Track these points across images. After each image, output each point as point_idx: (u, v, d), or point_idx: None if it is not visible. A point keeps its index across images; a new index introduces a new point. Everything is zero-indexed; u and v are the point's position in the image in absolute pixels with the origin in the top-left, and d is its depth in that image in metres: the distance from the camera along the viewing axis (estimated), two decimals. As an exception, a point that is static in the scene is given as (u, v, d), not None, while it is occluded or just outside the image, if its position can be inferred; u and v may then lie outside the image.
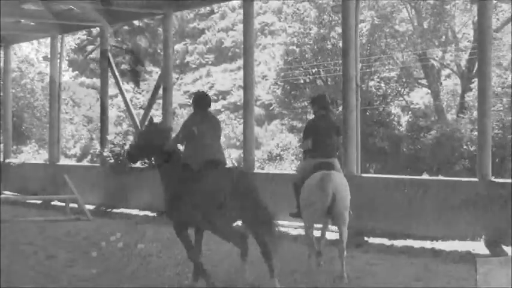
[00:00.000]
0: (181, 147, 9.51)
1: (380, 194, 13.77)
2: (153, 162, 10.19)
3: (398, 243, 12.67)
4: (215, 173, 8.96)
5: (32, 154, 24.96)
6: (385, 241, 12.84)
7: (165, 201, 9.38)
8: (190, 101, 10.30)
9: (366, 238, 13.12)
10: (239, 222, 9.43)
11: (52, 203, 20.29)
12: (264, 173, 18.38)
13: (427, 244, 12.48)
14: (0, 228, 13.92)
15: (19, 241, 13.40)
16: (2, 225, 14.74)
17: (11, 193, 22.68)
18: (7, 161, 24.00)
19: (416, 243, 12.51)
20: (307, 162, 10.39)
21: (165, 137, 9.44)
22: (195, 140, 9.11)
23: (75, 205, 18.01)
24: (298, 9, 37.61)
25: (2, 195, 21.09)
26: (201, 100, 9.42)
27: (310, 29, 37.14)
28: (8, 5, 20.49)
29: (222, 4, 67.11)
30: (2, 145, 25.69)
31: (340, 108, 34.55)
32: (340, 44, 18.14)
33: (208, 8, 62.62)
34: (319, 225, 10.87)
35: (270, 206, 9.27)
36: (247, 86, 16.94)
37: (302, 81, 37.93)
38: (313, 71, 37.65)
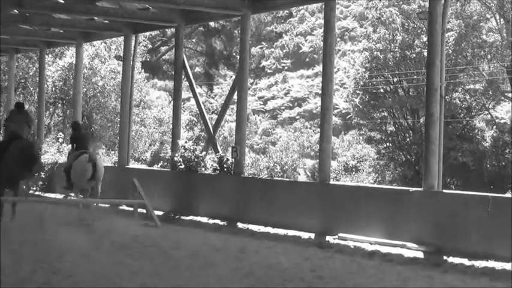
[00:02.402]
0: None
1: (461, 212, 13.06)
2: None
3: (479, 264, 12.13)
4: (15, 142, 15.36)
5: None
6: (465, 261, 12.29)
7: None
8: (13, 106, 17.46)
9: (445, 257, 12.62)
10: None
11: (120, 207, 19.87)
12: (339, 185, 17.29)
13: (509, 266, 11.88)
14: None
15: (85, 245, 13.22)
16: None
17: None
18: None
19: (498, 265, 11.95)
20: (74, 153, 17.60)
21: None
22: (10, 124, 16.03)
23: (144, 210, 17.32)
24: (384, 13, 36.44)
25: (69, 198, 20.69)
26: (19, 105, 16.81)
27: (395, 36, 35.98)
28: (82, 2, 20.17)
29: (301, 7, 66.26)
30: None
31: (422, 120, 33.51)
32: (425, 53, 17.29)
33: (286, 11, 61.87)
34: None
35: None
36: (326, 93, 16.29)
37: (382, 91, 36.77)
38: (395, 80, 36.48)
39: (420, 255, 12.79)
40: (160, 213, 18.30)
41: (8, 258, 11.38)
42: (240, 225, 16.53)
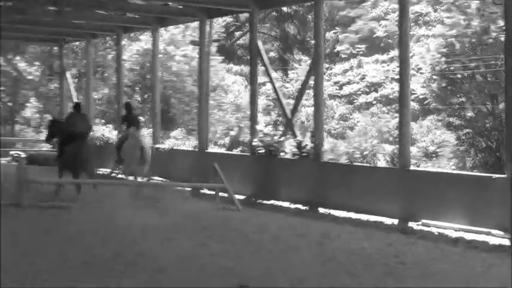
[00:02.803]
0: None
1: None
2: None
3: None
4: (78, 139, 17.33)
5: (180, 140, 24.68)
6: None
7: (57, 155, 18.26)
8: (72, 107, 19.80)
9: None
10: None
11: (201, 191, 20.02)
12: (419, 171, 17.01)
13: None
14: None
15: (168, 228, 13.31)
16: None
17: (160, 178, 22.56)
18: (156, 146, 23.84)
19: None
20: (124, 133, 19.84)
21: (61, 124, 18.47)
22: (69, 123, 17.88)
23: (225, 194, 17.45)
24: (460, -3, 35.76)
25: (151, 181, 21.03)
26: (77, 106, 18.68)
27: (470, 21, 35.28)
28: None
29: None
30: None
31: (500, 106, 32.77)
32: (502, 38, 17.02)
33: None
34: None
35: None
36: (403, 78, 16.01)
37: (459, 76, 36.11)
38: (472, 65, 35.78)
39: (506, 242, 12.51)
40: (241, 197, 18.36)
41: (95, 239, 11.66)
42: (321, 210, 16.51)
